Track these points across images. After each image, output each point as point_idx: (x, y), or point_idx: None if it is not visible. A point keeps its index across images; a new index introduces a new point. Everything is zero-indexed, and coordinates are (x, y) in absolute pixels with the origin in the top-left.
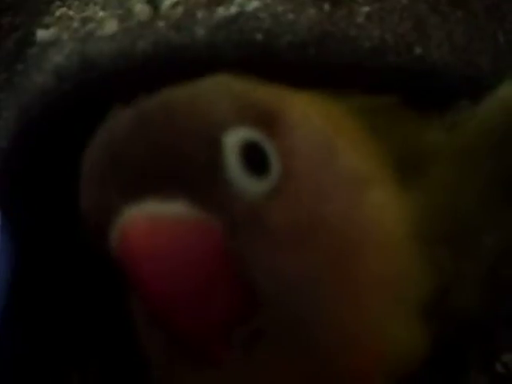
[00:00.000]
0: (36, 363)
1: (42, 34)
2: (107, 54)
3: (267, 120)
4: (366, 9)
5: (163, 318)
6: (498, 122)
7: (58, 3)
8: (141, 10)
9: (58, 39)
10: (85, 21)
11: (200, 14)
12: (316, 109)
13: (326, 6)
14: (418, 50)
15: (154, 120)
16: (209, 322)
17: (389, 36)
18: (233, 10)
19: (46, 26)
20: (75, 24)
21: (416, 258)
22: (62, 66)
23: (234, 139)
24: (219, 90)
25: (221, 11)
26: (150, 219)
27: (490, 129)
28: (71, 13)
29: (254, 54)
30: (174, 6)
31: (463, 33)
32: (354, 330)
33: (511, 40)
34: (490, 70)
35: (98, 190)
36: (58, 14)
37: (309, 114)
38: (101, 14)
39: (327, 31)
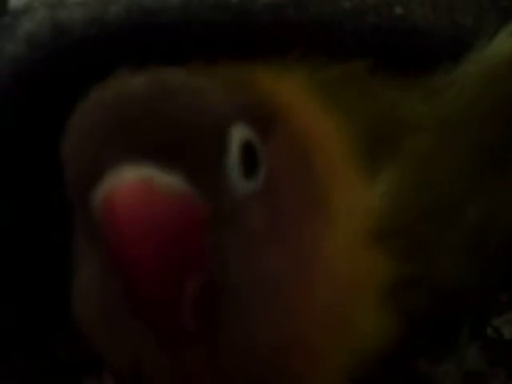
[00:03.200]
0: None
1: (14, 2)
2: (79, 20)
3: (263, 122)
4: None
5: (129, 278)
6: (478, 91)
7: None
8: None
9: (29, 7)
10: None
11: None
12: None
13: None
14: (398, 10)
15: (170, 92)
16: (173, 292)
17: None
18: None
19: None
20: None
21: (383, 246)
22: (33, 34)
23: (238, 135)
24: (216, 83)
25: None
26: (146, 182)
27: (470, 98)
28: None
29: (229, 17)
30: None
31: None
32: (304, 329)
33: None
34: (474, 30)
35: (98, 145)
36: None
37: (297, 121)
38: None
39: None
